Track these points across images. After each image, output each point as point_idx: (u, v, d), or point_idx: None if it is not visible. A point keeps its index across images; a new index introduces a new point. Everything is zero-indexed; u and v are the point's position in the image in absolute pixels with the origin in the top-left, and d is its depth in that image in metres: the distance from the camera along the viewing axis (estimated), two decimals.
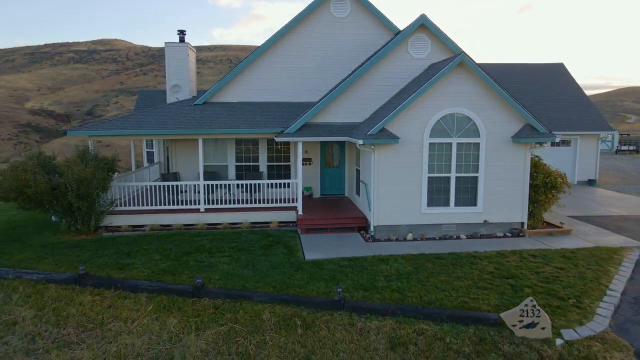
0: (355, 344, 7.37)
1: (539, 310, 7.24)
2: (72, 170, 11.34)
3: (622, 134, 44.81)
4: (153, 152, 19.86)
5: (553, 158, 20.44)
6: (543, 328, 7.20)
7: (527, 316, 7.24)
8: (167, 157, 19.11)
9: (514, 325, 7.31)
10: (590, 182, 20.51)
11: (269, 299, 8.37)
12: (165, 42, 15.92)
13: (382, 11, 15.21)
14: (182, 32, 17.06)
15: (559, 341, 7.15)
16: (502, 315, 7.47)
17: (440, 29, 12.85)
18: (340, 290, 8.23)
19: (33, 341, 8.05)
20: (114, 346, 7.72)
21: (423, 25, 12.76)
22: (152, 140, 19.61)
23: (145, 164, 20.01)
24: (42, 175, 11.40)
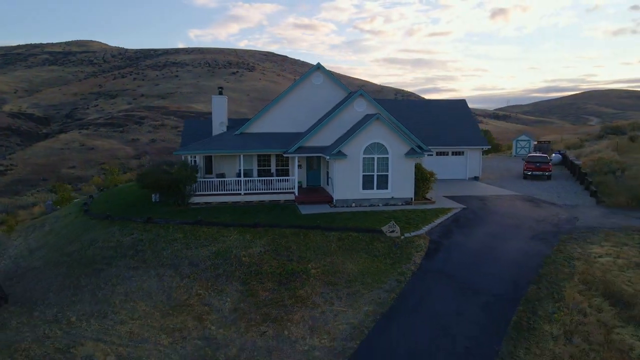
0: (323, 240, 18.57)
1: (395, 225, 18.59)
2: (181, 172, 22.14)
3: (538, 142, 57.10)
4: (196, 159, 30.45)
5: (453, 162, 32.16)
6: (396, 232, 18.56)
7: (390, 227, 18.57)
8: (205, 164, 29.62)
9: (385, 232, 18.64)
10: (475, 178, 32.25)
11: (287, 226, 19.49)
12: (213, 96, 26.70)
13: (341, 79, 26.43)
14: (220, 88, 27.94)
15: (402, 237, 18.52)
16: (382, 228, 18.80)
17: (371, 97, 24.17)
18: (318, 222, 19.44)
19: (187, 246, 18.93)
20: (223, 245, 18.68)
21: (361, 94, 24.09)
22: None
23: None
24: (163, 174, 22.15)
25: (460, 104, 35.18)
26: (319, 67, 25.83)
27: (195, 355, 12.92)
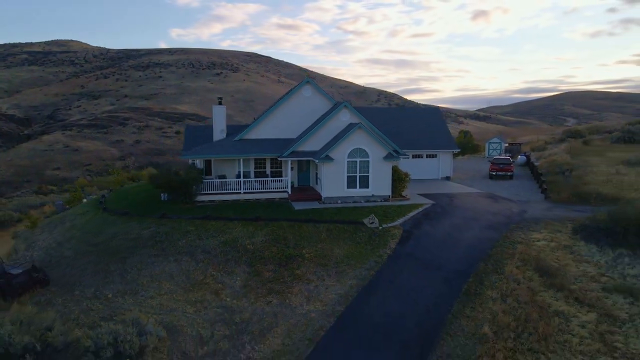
0: (314, 230, 22.15)
1: (375, 218, 22.30)
2: (189, 174, 25.45)
3: (509, 144, 61.53)
4: (196, 163, 33.61)
5: (426, 164, 36.10)
6: (376, 224, 22.26)
7: (371, 220, 22.27)
8: (205, 166, 32.80)
9: (366, 223, 22.32)
10: (447, 178, 36.24)
11: (284, 220, 23.02)
12: (213, 106, 30.00)
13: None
14: (220, 98, 31.27)
15: (381, 228, 22.23)
16: (364, 220, 22.48)
17: (354, 108, 27.84)
18: (310, 216, 23.03)
19: (199, 236, 22.29)
20: (230, 235, 22.10)
21: (345, 106, 27.78)
22: None
23: None
24: (174, 175, 25.42)
25: (434, 110, 39.17)
26: (308, 81, 29.43)
27: (217, 318, 16.36)
